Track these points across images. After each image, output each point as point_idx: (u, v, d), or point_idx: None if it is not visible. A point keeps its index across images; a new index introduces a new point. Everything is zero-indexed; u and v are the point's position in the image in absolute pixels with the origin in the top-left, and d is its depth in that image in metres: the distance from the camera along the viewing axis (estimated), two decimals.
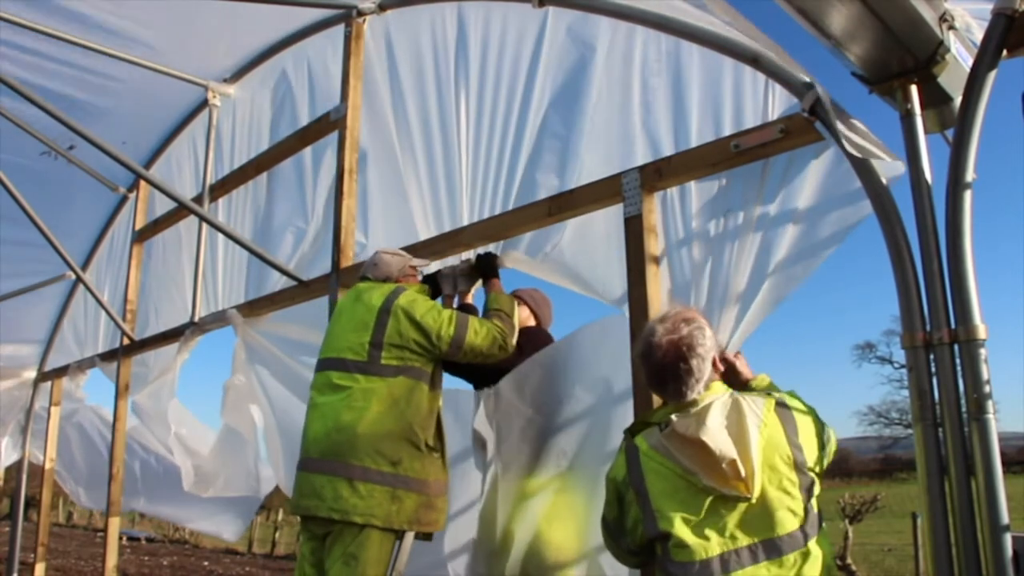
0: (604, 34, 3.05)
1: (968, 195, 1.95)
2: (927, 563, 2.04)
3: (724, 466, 1.76)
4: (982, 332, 1.89)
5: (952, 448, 1.89)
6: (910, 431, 2.04)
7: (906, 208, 2.08)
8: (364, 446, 2.62)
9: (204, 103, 5.05)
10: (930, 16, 1.97)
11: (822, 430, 2.01)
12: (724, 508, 1.79)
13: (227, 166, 4.94)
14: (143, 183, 5.71)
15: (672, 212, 2.72)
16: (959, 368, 1.91)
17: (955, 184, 1.96)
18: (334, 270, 3.73)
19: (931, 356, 1.96)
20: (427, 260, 3.26)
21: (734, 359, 2.33)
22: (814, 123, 2.25)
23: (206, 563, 14.63)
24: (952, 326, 1.93)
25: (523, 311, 3.25)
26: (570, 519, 2.82)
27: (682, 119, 2.77)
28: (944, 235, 1.98)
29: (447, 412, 3.08)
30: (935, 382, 1.95)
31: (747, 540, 1.76)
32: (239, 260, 4.79)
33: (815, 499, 1.88)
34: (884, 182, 2.13)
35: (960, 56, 2.10)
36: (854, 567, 10.72)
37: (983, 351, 1.89)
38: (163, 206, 5.49)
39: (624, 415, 2.74)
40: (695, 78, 2.76)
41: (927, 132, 2.14)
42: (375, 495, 2.57)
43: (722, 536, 1.77)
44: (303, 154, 4.34)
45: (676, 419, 1.87)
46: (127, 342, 5.48)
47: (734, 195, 2.56)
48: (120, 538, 6.33)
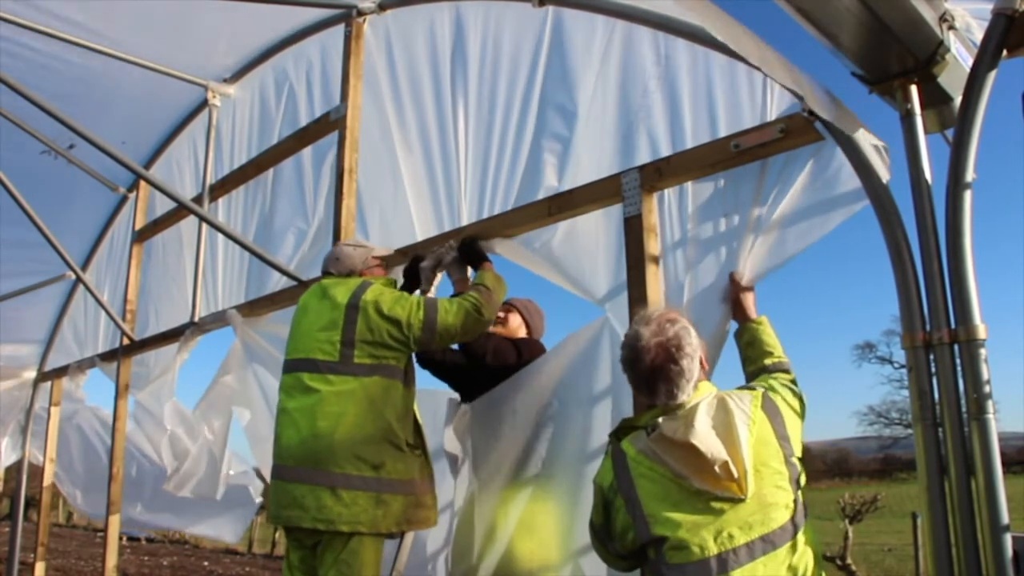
0: (604, 34, 3.04)
1: (968, 195, 1.96)
2: (927, 563, 2.04)
3: (716, 468, 1.75)
4: (982, 332, 1.89)
5: (952, 448, 1.89)
6: (910, 431, 2.04)
7: (906, 208, 2.09)
8: (344, 452, 2.54)
9: (204, 103, 5.04)
10: (930, 16, 1.97)
11: (802, 406, 2.03)
12: (719, 508, 1.77)
13: (227, 166, 4.94)
14: (143, 183, 5.70)
15: (668, 212, 2.73)
16: (959, 368, 1.91)
17: (955, 184, 1.97)
18: None
19: (931, 356, 1.96)
20: (390, 249, 3.20)
21: (745, 294, 2.35)
22: (814, 123, 2.25)
23: (206, 563, 14.63)
24: (952, 326, 1.93)
25: (515, 319, 3.24)
26: (549, 526, 2.80)
27: (681, 119, 2.77)
28: (944, 235, 1.98)
29: (426, 414, 3.07)
30: (935, 382, 1.95)
31: (744, 538, 1.75)
32: (239, 260, 4.79)
33: (802, 489, 1.88)
34: (884, 182, 2.13)
35: (960, 56, 2.10)
36: (854, 567, 10.71)
37: (983, 351, 1.89)
38: (163, 206, 5.49)
39: (603, 418, 2.75)
40: (694, 78, 2.76)
41: (927, 132, 2.14)
42: (359, 502, 2.51)
43: (719, 536, 1.75)
44: (304, 154, 4.34)
45: (663, 422, 1.84)
46: (127, 342, 5.48)
47: (728, 195, 2.56)
48: (120, 538, 6.31)
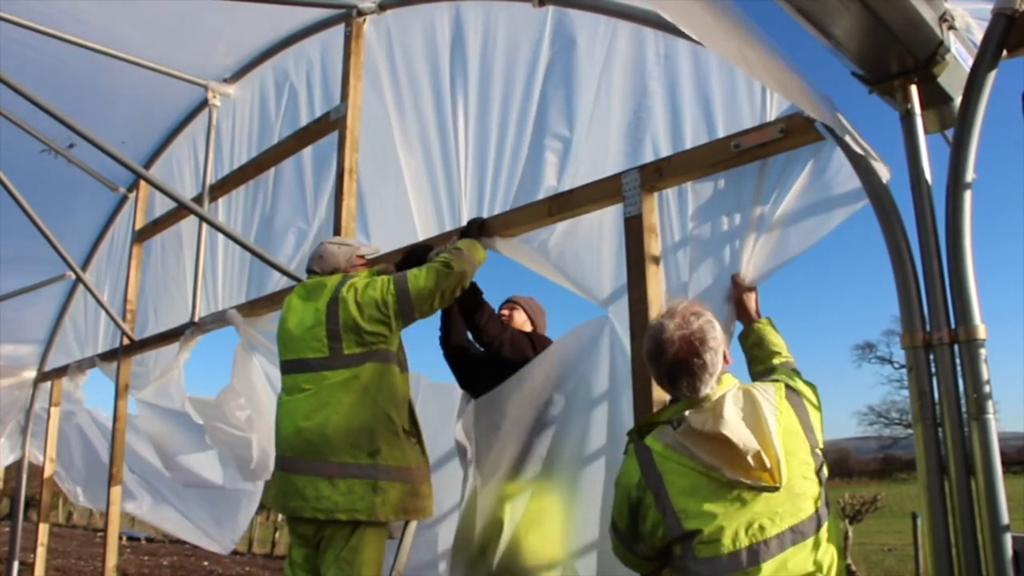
0: (604, 34, 3.04)
1: (968, 195, 1.95)
2: (927, 563, 2.04)
3: (749, 458, 1.73)
4: (982, 332, 1.89)
5: (952, 448, 1.89)
6: (910, 431, 2.04)
7: (906, 208, 2.09)
8: (340, 441, 2.57)
9: (204, 103, 5.04)
10: (930, 16, 1.97)
11: (819, 403, 2.02)
12: (750, 499, 1.76)
13: (227, 166, 4.94)
14: (143, 183, 5.71)
15: (670, 212, 2.72)
16: (959, 368, 1.91)
17: (955, 184, 1.96)
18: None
19: (931, 356, 1.96)
20: (376, 248, 3.21)
21: (748, 295, 2.34)
22: (814, 123, 2.25)
23: (206, 563, 14.63)
24: (952, 326, 1.93)
25: (520, 316, 3.27)
26: (549, 523, 2.81)
27: (681, 119, 2.77)
28: (944, 235, 1.98)
29: (444, 408, 3.07)
30: (935, 382, 1.95)
31: (775, 529, 1.74)
32: (239, 260, 4.79)
33: (824, 480, 1.88)
34: (884, 182, 2.13)
35: (960, 56, 2.10)
36: (854, 567, 10.71)
37: (983, 351, 1.89)
38: (163, 206, 5.49)
39: (601, 416, 2.76)
40: (694, 78, 2.76)
41: (927, 132, 2.14)
42: (355, 489, 2.53)
43: (750, 528, 1.74)
44: (304, 154, 4.34)
45: (690, 415, 1.83)
46: (127, 342, 5.48)
47: (730, 195, 2.56)
48: (120, 538, 6.32)
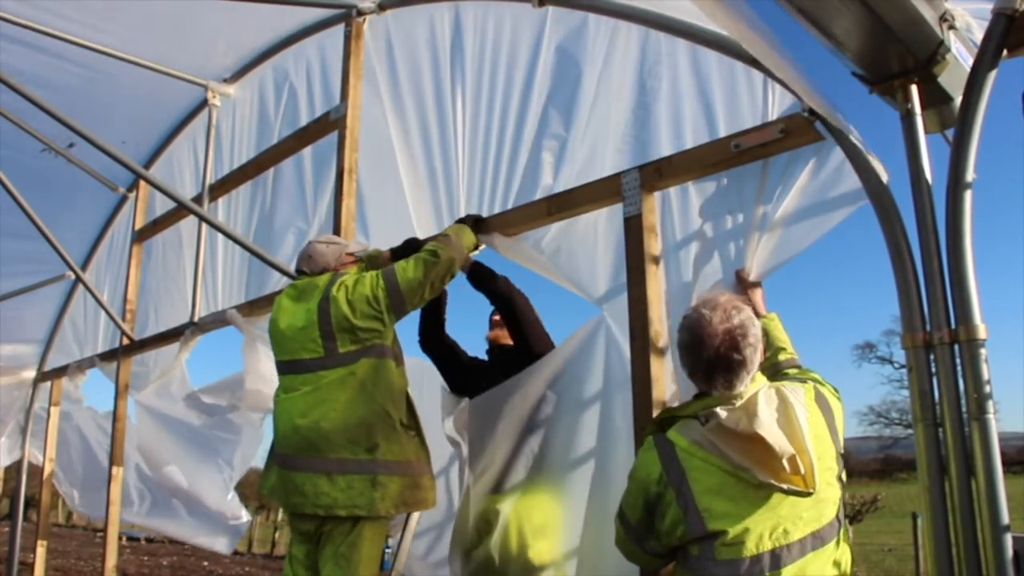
0: (603, 34, 3.04)
1: (968, 195, 1.95)
2: (928, 563, 2.03)
3: (784, 461, 1.68)
4: (982, 332, 1.89)
5: (952, 448, 1.89)
6: (910, 431, 2.05)
7: (906, 208, 2.08)
8: (337, 437, 2.57)
9: (204, 103, 5.04)
10: (930, 16, 1.97)
11: (842, 407, 1.98)
12: (776, 503, 1.72)
13: (227, 166, 4.94)
14: (143, 183, 5.70)
15: (671, 211, 2.72)
16: (959, 368, 1.91)
17: (955, 184, 1.96)
18: None
19: (931, 356, 1.96)
20: (365, 245, 3.20)
21: (753, 290, 2.33)
22: (814, 123, 2.25)
23: (206, 563, 14.63)
24: (952, 326, 1.93)
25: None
26: (543, 522, 2.81)
27: (681, 118, 2.77)
28: (944, 235, 1.98)
29: (436, 392, 3.07)
30: (935, 382, 1.95)
31: (798, 534, 1.71)
32: (239, 260, 4.79)
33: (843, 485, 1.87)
34: (884, 181, 2.13)
35: (960, 56, 2.10)
36: (855, 567, 10.72)
37: (983, 351, 1.89)
38: (163, 206, 5.49)
39: (594, 416, 2.76)
40: (694, 77, 2.75)
41: (927, 132, 2.14)
42: (354, 485, 2.53)
43: (774, 532, 1.70)
44: (304, 154, 4.33)
45: (722, 412, 1.77)
46: (127, 342, 5.48)
47: (732, 194, 2.56)
48: (120, 538, 6.31)
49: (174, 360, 4.95)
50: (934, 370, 1.95)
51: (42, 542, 6.59)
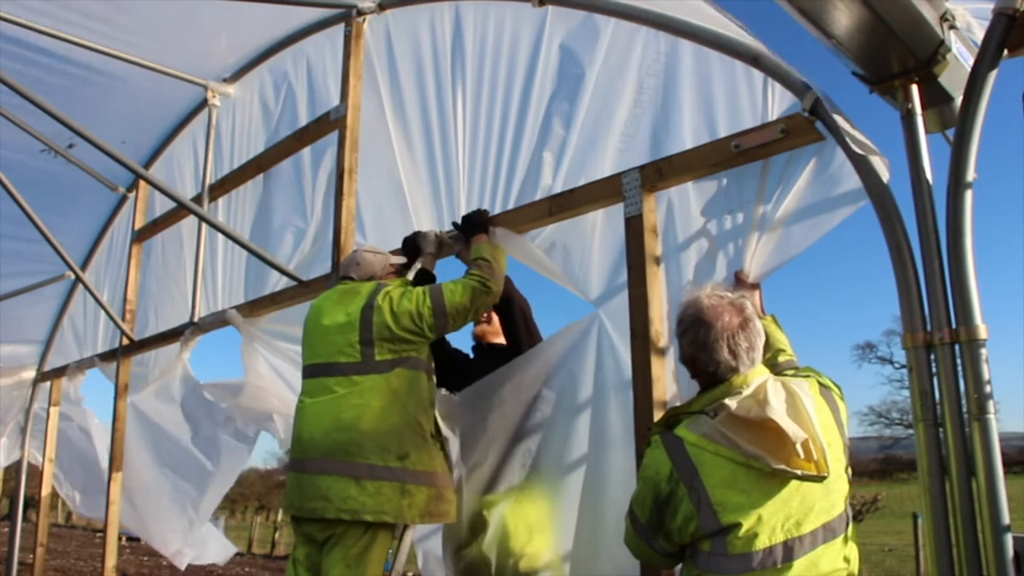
0: (603, 33, 3.04)
1: (969, 195, 1.95)
2: (928, 563, 2.03)
3: (798, 446, 1.68)
4: (983, 332, 1.89)
5: (953, 448, 1.89)
6: (910, 431, 2.05)
7: (906, 208, 2.08)
8: (369, 443, 2.58)
9: (204, 103, 5.04)
10: (931, 15, 1.97)
11: (846, 407, 1.99)
12: (788, 495, 1.72)
13: (227, 166, 4.94)
14: (143, 183, 5.70)
15: (672, 211, 2.72)
16: (960, 368, 1.91)
17: (956, 184, 1.96)
18: (334, 270, 3.72)
19: (932, 356, 1.96)
20: (404, 258, 3.23)
21: (751, 292, 2.33)
22: (815, 123, 2.25)
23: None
24: (953, 326, 1.93)
25: (496, 322, 3.23)
26: (539, 521, 2.81)
27: (682, 118, 2.77)
28: (945, 235, 1.98)
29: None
30: (936, 382, 1.95)
31: (809, 526, 1.71)
32: (239, 260, 4.78)
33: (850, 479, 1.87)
34: (885, 181, 2.13)
35: (961, 56, 2.10)
36: None
37: (984, 351, 1.89)
38: (163, 206, 5.48)
39: (587, 415, 2.75)
40: (695, 77, 2.75)
41: (928, 132, 2.14)
42: (384, 491, 2.54)
43: (786, 523, 1.70)
44: (303, 154, 4.33)
45: (732, 403, 1.77)
46: (126, 342, 5.48)
47: (733, 194, 2.56)
48: (120, 538, 6.31)
49: (175, 360, 4.95)
50: (935, 370, 1.95)
51: (41, 543, 6.59)
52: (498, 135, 3.37)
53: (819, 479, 1.71)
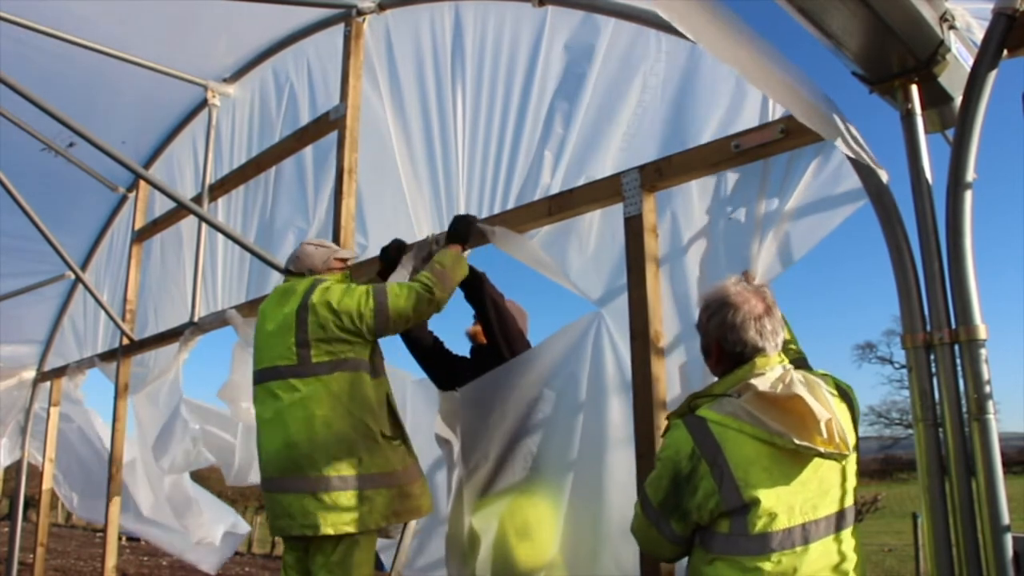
0: (603, 33, 3.04)
1: (968, 195, 1.95)
2: (928, 563, 2.03)
3: (823, 424, 1.70)
4: (983, 332, 1.89)
5: (953, 448, 1.89)
6: (910, 431, 2.04)
7: (906, 208, 2.08)
8: (319, 455, 2.54)
9: (204, 103, 5.04)
10: (931, 16, 1.97)
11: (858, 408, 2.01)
12: (806, 478, 1.74)
13: (227, 166, 4.94)
14: (143, 183, 5.70)
15: (674, 211, 2.72)
16: (960, 368, 1.91)
17: (955, 184, 1.96)
18: None
19: (932, 356, 1.96)
20: (355, 252, 3.19)
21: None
22: None
23: None
24: (953, 326, 1.93)
25: None
26: (539, 518, 2.80)
27: (681, 118, 2.77)
28: (944, 235, 1.97)
29: (426, 403, 3.04)
30: (936, 382, 1.95)
31: (824, 511, 1.74)
32: (239, 260, 4.79)
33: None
34: (884, 181, 2.13)
35: (961, 56, 2.10)
36: None
37: (984, 351, 1.88)
38: (163, 206, 5.48)
39: (587, 415, 2.75)
40: (695, 76, 2.75)
41: (927, 132, 2.13)
42: (340, 502, 2.51)
43: (804, 504, 1.72)
44: (304, 154, 4.33)
45: (757, 382, 1.78)
46: (126, 342, 5.48)
47: (734, 193, 2.56)
48: (120, 538, 6.31)
49: (173, 360, 4.95)
50: (934, 370, 1.95)
51: (41, 542, 6.59)
52: (498, 135, 3.37)
53: (840, 457, 1.74)
